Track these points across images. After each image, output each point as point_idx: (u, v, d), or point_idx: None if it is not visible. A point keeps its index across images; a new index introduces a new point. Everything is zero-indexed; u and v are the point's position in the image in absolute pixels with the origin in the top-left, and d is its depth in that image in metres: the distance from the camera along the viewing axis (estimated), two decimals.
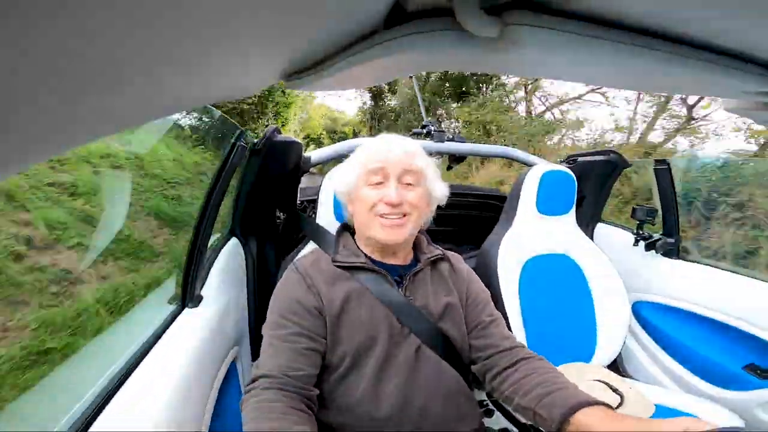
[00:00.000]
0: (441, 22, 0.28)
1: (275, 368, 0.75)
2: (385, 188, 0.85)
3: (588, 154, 1.69)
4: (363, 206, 0.87)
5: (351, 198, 0.92)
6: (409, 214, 0.86)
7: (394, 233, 0.85)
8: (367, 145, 0.92)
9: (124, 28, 0.18)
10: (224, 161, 1.02)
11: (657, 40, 0.28)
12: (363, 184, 0.87)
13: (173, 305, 0.96)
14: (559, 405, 0.70)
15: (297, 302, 0.82)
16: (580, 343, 1.35)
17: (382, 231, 0.85)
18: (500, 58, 0.33)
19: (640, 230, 1.53)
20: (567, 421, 0.68)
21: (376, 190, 0.85)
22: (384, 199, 0.84)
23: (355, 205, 0.90)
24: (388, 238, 0.85)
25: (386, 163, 0.86)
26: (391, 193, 0.84)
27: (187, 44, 0.23)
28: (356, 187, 0.89)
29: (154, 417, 0.67)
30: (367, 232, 0.87)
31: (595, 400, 0.69)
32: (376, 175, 0.86)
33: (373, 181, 0.86)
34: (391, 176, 0.85)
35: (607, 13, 0.27)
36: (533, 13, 0.26)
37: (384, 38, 0.30)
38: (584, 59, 0.31)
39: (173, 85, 0.28)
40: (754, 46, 0.29)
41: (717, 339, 1.30)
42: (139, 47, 0.21)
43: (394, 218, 0.84)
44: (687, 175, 3.37)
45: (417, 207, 0.87)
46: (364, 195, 0.86)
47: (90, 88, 0.22)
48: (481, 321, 0.91)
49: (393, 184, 0.85)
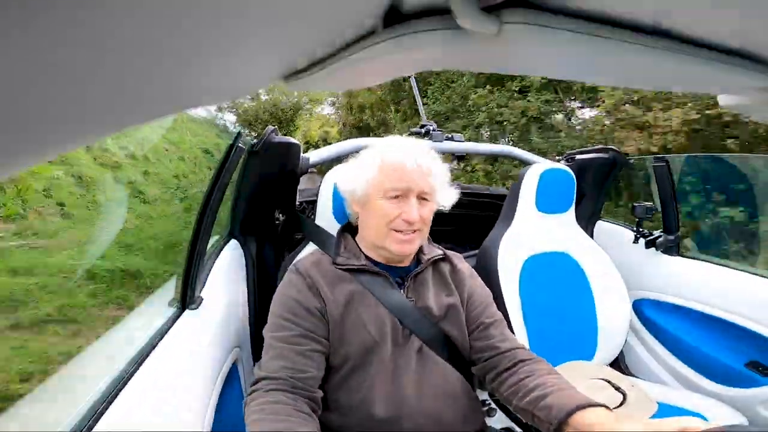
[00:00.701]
0: (439, 21, 0.28)
1: (278, 370, 0.75)
2: (405, 205, 0.84)
3: (587, 152, 1.69)
4: (378, 218, 0.86)
5: (360, 202, 0.90)
6: (420, 230, 0.86)
7: (407, 247, 0.86)
8: (384, 151, 0.89)
9: (120, 28, 0.18)
10: (222, 162, 1.02)
11: (655, 36, 0.28)
12: (379, 194, 0.86)
13: (174, 307, 0.96)
14: (557, 407, 0.70)
15: (298, 304, 0.82)
16: (582, 341, 1.35)
17: (396, 245, 0.85)
18: (499, 57, 0.33)
19: (639, 227, 1.53)
20: (565, 423, 0.68)
21: (395, 204, 0.84)
22: (403, 216, 0.83)
23: (367, 212, 0.89)
24: (400, 252, 0.86)
25: (409, 182, 0.84)
26: (413, 212, 0.83)
27: (184, 44, 0.22)
28: (370, 194, 0.87)
29: (157, 420, 0.67)
30: (379, 242, 0.87)
31: (593, 402, 0.69)
32: (396, 190, 0.84)
33: (392, 194, 0.85)
34: (412, 195, 0.85)
35: (606, 11, 0.26)
36: (532, 11, 0.26)
37: (382, 38, 0.30)
38: (583, 57, 0.31)
39: (171, 86, 0.28)
40: (753, 41, 0.29)
41: (719, 336, 1.30)
42: (137, 47, 0.21)
43: (409, 234, 0.85)
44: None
45: (427, 222, 0.88)
46: (382, 208, 0.85)
47: (87, 87, 0.22)
48: (481, 322, 0.90)
49: (414, 202, 0.84)
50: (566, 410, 0.68)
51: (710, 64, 0.30)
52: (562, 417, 0.68)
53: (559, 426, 0.68)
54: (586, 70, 0.38)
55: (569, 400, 0.70)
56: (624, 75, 0.39)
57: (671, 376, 1.41)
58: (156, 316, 0.94)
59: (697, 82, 0.40)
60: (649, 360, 1.48)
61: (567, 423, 0.68)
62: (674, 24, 0.27)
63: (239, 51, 0.27)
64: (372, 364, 0.81)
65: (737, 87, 0.35)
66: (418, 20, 0.29)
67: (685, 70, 0.31)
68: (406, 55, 0.31)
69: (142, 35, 0.20)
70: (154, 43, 0.21)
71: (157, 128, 3.67)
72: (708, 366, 1.31)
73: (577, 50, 0.29)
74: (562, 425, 0.68)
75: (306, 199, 1.48)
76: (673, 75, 0.34)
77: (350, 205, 0.96)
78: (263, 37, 0.26)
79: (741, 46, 0.29)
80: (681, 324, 1.41)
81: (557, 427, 0.69)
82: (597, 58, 0.30)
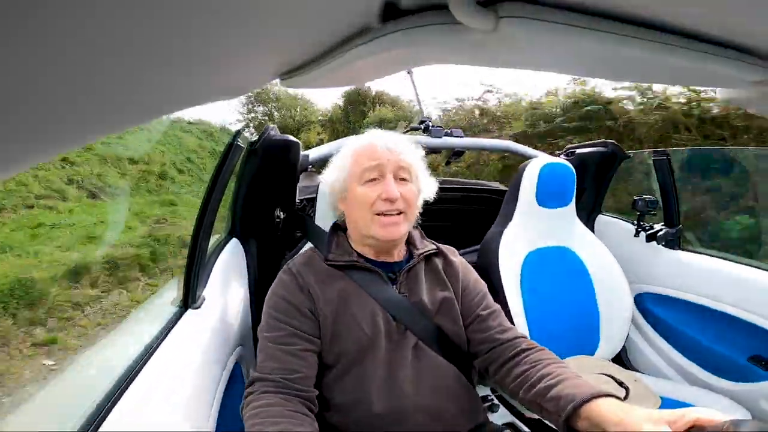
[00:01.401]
0: (435, 16, 0.28)
1: (272, 371, 0.76)
2: (383, 184, 0.84)
3: (586, 146, 1.69)
4: (360, 205, 0.85)
5: (343, 197, 0.91)
6: (404, 212, 0.85)
7: (393, 231, 0.84)
8: (355, 142, 0.91)
9: (117, 28, 0.18)
10: (222, 161, 1.02)
11: (654, 30, 0.28)
12: (357, 182, 0.86)
13: (176, 307, 0.96)
14: (566, 398, 0.68)
15: (289, 303, 0.82)
16: (584, 336, 1.35)
17: (381, 229, 0.84)
18: (496, 51, 0.33)
19: (640, 221, 1.53)
20: (575, 414, 0.66)
21: (372, 187, 0.84)
22: (383, 195, 0.83)
23: (349, 204, 0.89)
24: (387, 236, 0.85)
25: (381, 159, 0.85)
26: (391, 188, 0.83)
27: (180, 44, 0.22)
28: (349, 185, 0.88)
29: (161, 418, 0.68)
30: (365, 231, 0.86)
31: (603, 391, 0.67)
32: (371, 172, 0.85)
33: (368, 177, 0.85)
34: (387, 172, 0.85)
35: (604, 4, 0.26)
36: (528, 5, 0.26)
37: (378, 33, 0.30)
38: (581, 51, 0.31)
39: (168, 85, 0.28)
40: (753, 35, 0.29)
41: (721, 330, 1.30)
42: (134, 47, 0.21)
43: (393, 215, 0.84)
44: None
45: (411, 204, 0.87)
46: (361, 193, 0.85)
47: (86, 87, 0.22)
48: (477, 314, 0.90)
49: (391, 179, 0.84)
50: (576, 401, 0.66)
51: (706, 58, 0.30)
52: (572, 408, 0.66)
53: (568, 417, 0.66)
54: (583, 64, 0.38)
55: (578, 390, 0.68)
56: (620, 69, 0.39)
57: (674, 371, 1.41)
58: (159, 315, 0.95)
59: (693, 76, 0.40)
60: (652, 354, 1.48)
61: (577, 414, 0.65)
62: (670, 17, 0.27)
63: (235, 50, 0.27)
64: (367, 361, 0.81)
65: (733, 81, 0.35)
66: (415, 16, 0.29)
67: (680, 64, 0.30)
68: (403, 51, 0.31)
69: (139, 36, 0.20)
70: (150, 44, 0.21)
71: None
72: (710, 360, 1.31)
73: (574, 44, 0.29)
74: (571, 416, 0.66)
75: (306, 197, 1.48)
76: (669, 69, 0.34)
77: (335, 205, 0.96)
78: (259, 35, 0.26)
79: (735, 39, 0.29)
80: (683, 318, 1.41)
81: (566, 418, 0.66)
82: (593, 51, 0.30)
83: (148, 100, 0.28)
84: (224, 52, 0.26)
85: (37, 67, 0.18)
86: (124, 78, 0.23)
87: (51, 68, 0.18)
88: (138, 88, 0.25)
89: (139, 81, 0.25)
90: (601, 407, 0.64)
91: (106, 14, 0.17)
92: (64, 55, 0.18)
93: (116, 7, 0.16)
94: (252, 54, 0.30)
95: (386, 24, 0.30)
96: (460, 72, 29.40)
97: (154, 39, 0.21)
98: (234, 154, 1.03)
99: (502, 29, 0.26)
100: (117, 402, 0.66)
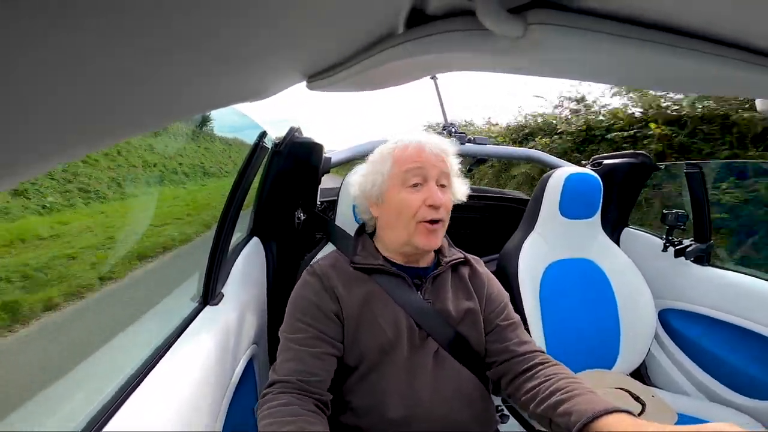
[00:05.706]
0: (462, 22, 0.28)
1: (291, 373, 0.76)
2: (426, 190, 0.81)
3: (615, 156, 1.64)
4: (401, 211, 0.83)
5: (377, 202, 0.88)
6: (443, 220, 0.84)
7: (434, 240, 0.83)
8: (397, 141, 0.87)
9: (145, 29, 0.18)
10: (247, 161, 1.03)
11: (688, 38, 0.27)
12: (398, 186, 0.83)
13: (195, 302, 0.98)
14: (577, 413, 0.66)
15: (314, 306, 0.82)
16: (603, 349, 1.31)
17: (424, 238, 0.82)
18: (524, 59, 0.32)
19: (669, 236, 1.47)
20: (586, 429, 0.64)
21: (415, 194, 0.82)
22: (428, 201, 0.80)
23: (386, 210, 0.86)
24: (428, 245, 0.83)
25: (425, 163, 0.82)
26: (437, 195, 0.80)
27: (207, 46, 0.23)
28: (387, 189, 0.85)
29: (172, 413, 0.69)
30: (405, 238, 0.84)
31: (616, 407, 0.65)
32: (415, 176, 0.82)
33: (412, 182, 0.82)
34: (431, 178, 0.82)
35: (636, 11, 0.26)
36: (557, 12, 0.25)
37: (404, 39, 0.30)
38: (611, 59, 0.30)
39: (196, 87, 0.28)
40: None
41: (747, 348, 1.26)
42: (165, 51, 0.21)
43: (436, 224, 0.82)
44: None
45: (449, 211, 0.85)
46: (403, 199, 0.82)
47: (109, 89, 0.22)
48: (497, 324, 0.88)
49: (434, 187, 0.82)
50: (587, 416, 0.64)
51: (744, 67, 0.28)
52: (582, 424, 0.64)
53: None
54: (614, 72, 0.37)
55: (590, 405, 0.66)
56: (654, 77, 0.37)
57: (694, 387, 1.37)
58: (179, 309, 0.97)
59: (730, 85, 0.38)
60: (672, 370, 1.43)
61: (588, 429, 0.64)
62: (703, 24, 0.26)
63: (263, 53, 0.27)
64: (387, 365, 0.81)
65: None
66: (442, 21, 0.29)
67: (718, 73, 0.29)
68: (429, 57, 0.31)
69: (170, 38, 0.20)
70: (181, 47, 0.22)
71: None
72: (734, 378, 1.26)
73: (604, 52, 0.28)
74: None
75: (326, 199, 1.49)
76: (705, 77, 0.33)
77: (365, 210, 0.93)
78: (286, 39, 0.27)
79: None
80: (709, 335, 1.36)
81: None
82: (625, 59, 0.29)
83: (179, 101, 0.29)
84: (252, 54, 0.27)
85: (62, 70, 0.18)
86: (155, 79, 0.24)
87: (76, 69, 0.19)
88: (170, 89, 0.26)
89: (169, 83, 0.25)
90: (612, 423, 0.63)
91: (134, 16, 0.17)
92: (84, 57, 0.18)
93: (143, 8, 0.17)
94: (279, 57, 0.30)
95: (412, 29, 0.30)
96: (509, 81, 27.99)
97: (183, 42, 0.21)
98: (259, 154, 1.04)
99: (530, 36, 0.26)
100: (133, 392, 0.68)
